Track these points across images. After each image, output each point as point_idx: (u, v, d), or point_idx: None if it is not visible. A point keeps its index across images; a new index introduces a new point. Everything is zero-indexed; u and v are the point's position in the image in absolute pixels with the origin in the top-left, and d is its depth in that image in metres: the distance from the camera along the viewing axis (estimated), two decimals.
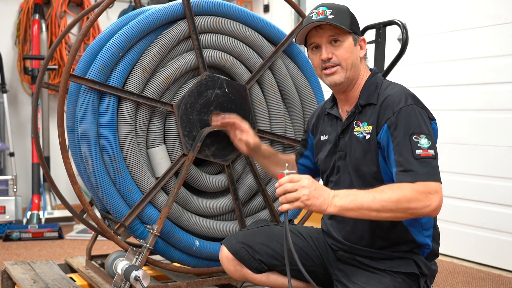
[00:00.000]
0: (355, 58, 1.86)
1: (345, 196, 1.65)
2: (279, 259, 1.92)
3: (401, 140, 1.69)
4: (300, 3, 4.82)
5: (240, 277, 1.96)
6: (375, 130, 1.78)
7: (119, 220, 2.23)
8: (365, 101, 1.84)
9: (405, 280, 1.81)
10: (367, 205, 1.63)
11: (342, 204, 1.64)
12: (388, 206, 1.62)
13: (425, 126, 1.71)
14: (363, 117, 1.84)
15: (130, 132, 2.23)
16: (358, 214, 1.66)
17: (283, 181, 1.65)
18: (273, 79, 2.52)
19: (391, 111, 1.74)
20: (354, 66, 1.86)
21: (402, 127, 1.70)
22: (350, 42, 1.85)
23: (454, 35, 3.60)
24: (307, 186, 1.63)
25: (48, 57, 2.65)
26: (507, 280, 3.13)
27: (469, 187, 3.45)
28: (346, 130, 1.89)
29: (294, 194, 1.63)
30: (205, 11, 2.37)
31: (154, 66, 2.28)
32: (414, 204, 1.62)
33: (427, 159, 1.66)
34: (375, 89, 1.85)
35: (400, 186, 1.64)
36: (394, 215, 1.65)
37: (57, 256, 3.60)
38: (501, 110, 3.34)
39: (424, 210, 1.63)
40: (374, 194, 1.64)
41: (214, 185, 2.42)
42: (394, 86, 1.85)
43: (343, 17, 1.84)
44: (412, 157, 1.66)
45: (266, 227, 2.01)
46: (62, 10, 4.90)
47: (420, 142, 1.68)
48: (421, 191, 1.62)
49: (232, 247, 1.93)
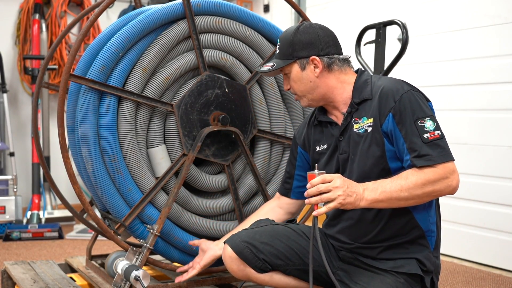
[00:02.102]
0: (307, 82, 1.90)
1: (374, 189, 1.69)
2: (283, 259, 1.92)
3: (408, 127, 1.74)
4: (300, 3, 4.82)
5: (243, 276, 1.96)
6: (378, 121, 1.80)
7: (119, 220, 2.23)
8: (360, 98, 1.87)
9: (407, 280, 1.81)
10: (396, 194, 1.68)
11: (374, 197, 1.69)
12: (415, 192, 1.68)
13: (426, 108, 1.77)
14: (361, 113, 1.86)
15: (130, 132, 2.23)
16: (388, 204, 1.71)
17: (315, 181, 1.65)
18: (273, 79, 2.53)
19: (393, 100, 1.77)
20: (309, 89, 1.91)
21: (407, 113, 1.75)
22: (297, 70, 1.91)
23: (454, 35, 3.60)
24: (341, 186, 1.65)
25: (48, 57, 2.65)
26: (507, 280, 3.13)
27: (469, 187, 3.45)
28: (345, 131, 1.90)
29: (329, 195, 1.64)
30: (205, 11, 2.38)
31: (154, 66, 2.28)
32: (438, 186, 1.69)
33: (435, 140, 1.71)
34: (366, 85, 1.88)
35: (421, 170, 1.69)
36: (421, 200, 1.72)
37: (57, 256, 3.60)
38: (501, 110, 3.34)
39: (446, 190, 1.71)
40: (400, 182, 1.69)
41: (214, 185, 2.42)
42: (384, 78, 1.89)
43: (285, 49, 1.92)
44: (422, 142, 1.71)
45: (269, 226, 2.01)
46: (62, 10, 4.90)
47: (425, 125, 1.73)
48: (442, 172, 1.69)
49: (236, 246, 1.92)
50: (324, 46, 1.90)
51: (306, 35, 1.89)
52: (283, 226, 2.03)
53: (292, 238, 1.96)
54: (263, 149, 2.51)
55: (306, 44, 1.89)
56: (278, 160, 2.57)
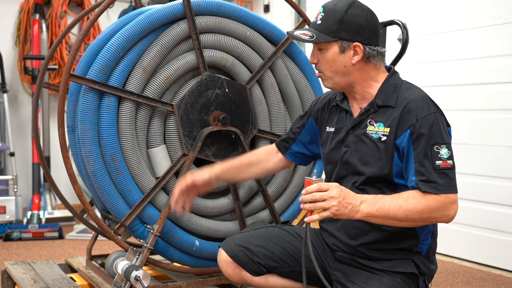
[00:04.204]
0: (340, 66, 1.80)
1: (372, 203, 1.67)
2: (278, 261, 1.92)
3: (423, 149, 1.70)
4: (300, 3, 4.82)
5: (239, 279, 1.96)
6: (394, 133, 1.75)
7: (119, 220, 2.23)
8: (383, 102, 1.80)
9: (404, 280, 1.81)
10: (392, 214, 1.66)
11: (369, 211, 1.66)
12: (412, 216, 1.67)
13: (446, 135, 1.73)
14: (379, 118, 1.80)
15: (131, 132, 2.23)
16: (382, 221, 1.69)
17: (311, 189, 1.63)
18: (274, 79, 2.53)
19: (415, 118, 1.72)
20: (340, 74, 1.81)
21: (425, 136, 1.70)
22: (334, 50, 1.79)
23: (454, 35, 3.60)
24: (336, 197, 1.62)
25: (49, 57, 2.65)
26: (508, 280, 3.13)
27: (469, 187, 3.45)
28: (357, 127, 1.85)
29: (323, 204, 1.62)
30: (205, 11, 2.38)
31: (155, 66, 2.28)
32: (435, 214, 1.68)
33: (446, 170, 1.69)
34: (393, 90, 1.81)
35: (423, 196, 1.67)
36: (415, 224, 1.72)
37: (57, 256, 3.60)
38: (501, 110, 3.34)
39: (443, 219, 1.70)
40: (399, 202, 1.67)
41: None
42: (414, 89, 1.82)
43: (330, 23, 1.78)
44: (432, 168, 1.68)
45: (264, 229, 2.01)
46: (62, 10, 4.90)
47: (440, 152, 1.70)
48: (443, 202, 1.67)
49: (231, 250, 1.92)
50: (370, 35, 1.80)
51: (356, 17, 1.78)
52: (278, 228, 2.02)
53: (287, 240, 1.96)
54: None
55: (354, 28, 1.78)
56: None
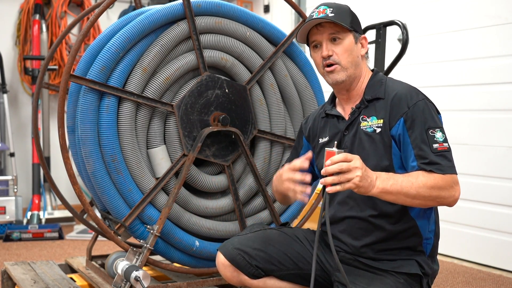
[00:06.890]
0: (355, 56, 1.87)
1: (386, 179, 1.68)
2: (276, 264, 1.92)
3: (419, 135, 1.74)
4: (300, 3, 4.82)
5: (238, 282, 1.96)
6: (388, 123, 1.79)
7: (119, 220, 2.23)
8: (372, 96, 1.85)
9: (407, 280, 1.80)
10: (405, 190, 1.68)
11: (384, 187, 1.67)
12: (423, 192, 1.68)
13: (438, 119, 1.79)
14: (370, 112, 1.84)
15: (131, 133, 2.23)
16: (395, 198, 1.69)
17: (336, 159, 1.58)
18: (274, 79, 2.53)
19: (406, 105, 1.77)
20: (354, 64, 1.87)
21: (419, 121, 1.75)
22: (351, 40, 1.86)
23: (454, 35, 3.60)
24: (360, 167, 1.60)
25: (49, 58, 2.65)
26: (508, 281, 3.13)
27: (469, 187, 3.45)
28: (351, 126, 1.88)
29: (349, 175, 1.58)
30: (205, 11, 2.38)
31: (155, 66, 2.28)
32: (443, 193, 1.70)
33: (444, 152, 1.73)
34: (380, 85, 1.88)
35: (431, 174, 1.70)
36: (425, 202, 1.72)
37: (57, 257, 3.60)
38: (501, 110, 3.34)
39: (449, 199, 1.72)
40: (411, 179, 1.69)
41: (214, 185, 2.42)
42: (399, 82, 1.89)
43: (343, 15, 1.85)
44: (431, 151, 1.72)
45: (262, 231, 2.00)
46: (62, 10, 4.90)
47: (436, 136, 1.74)
48: (449, 181, 1.70)
49: (228, 254, 1.92)
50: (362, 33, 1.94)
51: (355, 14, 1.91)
52: (276, 230, 2.02)
53: (285, 243, 1.96)
54: (263, 150, 2.51)
55: (359, 23, 1.91)
56: (278, 160, 2.57)
